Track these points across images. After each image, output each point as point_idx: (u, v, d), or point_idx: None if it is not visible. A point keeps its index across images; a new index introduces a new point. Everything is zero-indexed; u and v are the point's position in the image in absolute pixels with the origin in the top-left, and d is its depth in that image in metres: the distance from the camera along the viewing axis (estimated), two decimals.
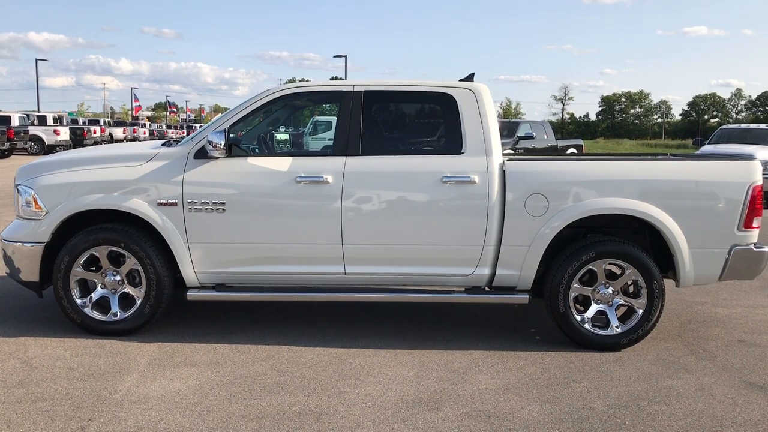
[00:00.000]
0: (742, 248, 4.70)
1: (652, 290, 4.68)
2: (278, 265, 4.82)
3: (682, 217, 4.64)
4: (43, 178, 4.87)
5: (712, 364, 4.55)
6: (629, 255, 4.68)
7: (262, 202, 4.75)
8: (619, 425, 3.59)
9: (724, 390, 4.09)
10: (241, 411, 3.68)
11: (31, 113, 33.30)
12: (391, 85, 5.05)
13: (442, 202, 4.71)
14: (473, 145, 4.77)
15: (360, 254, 4.77)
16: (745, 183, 4.65)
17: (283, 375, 4.22)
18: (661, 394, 4.02)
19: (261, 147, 5.37)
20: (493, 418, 3.66)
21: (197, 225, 4.75)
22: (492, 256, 4.75)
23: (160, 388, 3.98)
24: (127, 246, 4.75)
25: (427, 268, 4.81)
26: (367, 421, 3.58)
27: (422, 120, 5.60)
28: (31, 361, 4.37)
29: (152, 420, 3.54)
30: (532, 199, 4.67)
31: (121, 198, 4.74)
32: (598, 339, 4.75)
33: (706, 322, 5.56)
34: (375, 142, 4.96)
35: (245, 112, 4.91)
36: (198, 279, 4.87)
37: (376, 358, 4.56)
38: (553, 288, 4.73)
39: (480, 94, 4.88)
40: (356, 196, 4.71)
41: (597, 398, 3.94)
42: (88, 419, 3.53)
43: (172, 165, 4.79)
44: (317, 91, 5.36)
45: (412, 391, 3.99)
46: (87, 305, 4.86)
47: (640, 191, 4.64)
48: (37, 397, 3.80)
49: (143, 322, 4.86)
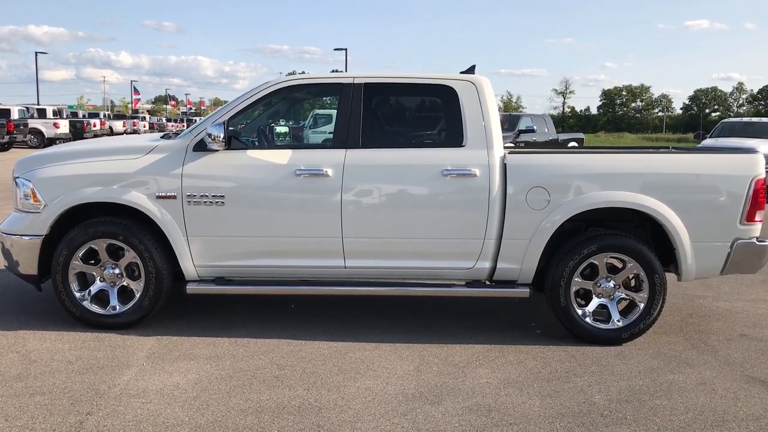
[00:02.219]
0: (744, 242, 4.68)
1: (653, 284, 4.66)
2: (278, 259, 4.80)
3: (684, 210, 4.62)
4: (42, 170, 4.85)
5: (713, 358, 4.54)
6: (631, 249, 4.66)
7: (261, 196, 4.73)
8: (621, 420, 3.57)
9: (726, 384, 4.08)
10: (240, 405, 3.67)
11: (31, 106, 33.22)
12: (392, 77, 5.01)
13: (442, 196, 4.68)
14: (474, 138, 4.74)
15: (360, 248, 4.75)
16: (748, 176, 4.63)
17: (283, 369, 4.20)
18: (662, 388, 4.00)
19: (261, 140, 5.33)
20: (493, 412, 3.64)
21: (196, 218, 4.72)
22: (493, 249, 4.73)
23: (159, 381, 3.96)
24: (125, 239, 4.73)
25: (427, 261, 4.79)
26: (367, 415, 3.57)
27: (423, 113, 5.56)
28: (30, 355, 4.35)
29: (151, 414, 3.53)
30: (533, 193, 4.64)
31: (119, 191, 4.72)
32: (599, 333, 4.73)
33: (707, 316, 5.54)
34: (375, 135, 4.92)
35: (245, 104, 4.88)
36: (197, 272, 4.86)
37: (376, 351, 4.55)
38: (554, 282, 4.71)
39: (481, 86, 4.85)
40: (356, 189, 4.69)
41: (598, 392, 3.92)
42: (87, 413, 3.52)
43: (171, 158, 4.76)
44: (317, 84, 5.31)
45: (412, 385, 3.98)
46: (86, 298, 4.84)
47: (641, 185, 4.62)
48: (35, 391, 3.79)
49: (142, 316, 4.85)
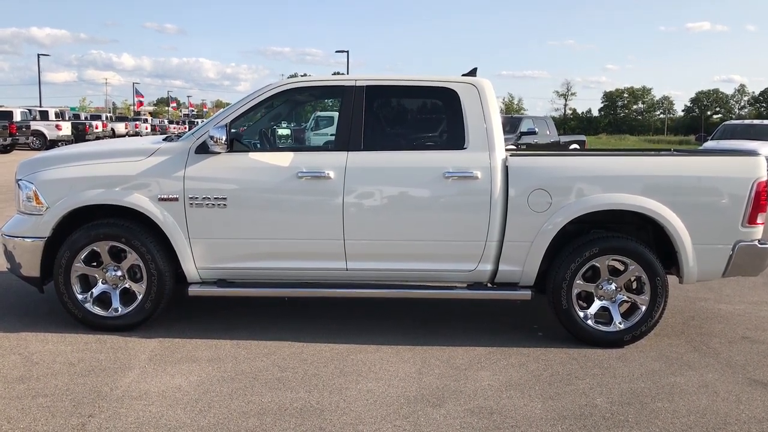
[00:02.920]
0: (746, 244, 4.67)
1: (655, 286, 4.66)
2: (280, 261, 4.81)
3: (686, 213, 4.62)
4: (44, 173, 4.86)
5: (715, 360, 4.53)
6: (632, 251, 4.66)
7: (263, 198, 4.73)
8: (622, 422, 3.57)
9: (728, 387, 4.07)
10: (242, 407, 3.67)
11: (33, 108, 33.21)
12: (394, 80, 5.02)
13: (444, 198, 4.68)
14: (476, 140, 4.74)
15: (362, 250, 4.75)
16: (750, 179, 4.62)
17: (285, 371, 4.20)
18: (664, 390, 4.00)
19: (263, 142, 5.35)
20: (495, 414, 3.64)
21: (198, 220, 4.73)
22: (494, 252, 4.73)
23: (161, 383, 3.96)
24: (128, 241, 4.74)
25: (429, 264, 4.79)
26: (369, 418, 3.57)
27: (424, 115, 5.56)
28: (32, 357, 4.36)
29: (153, 416, 3.53)
30: (534, 195, 4.64)
31: (122, 193, 4.73)
32: (601, 335, 4.73)
33: (709, 318, 5.53)
34: (377, 137, 4.92)
35: (247, 107, 4.89)
36: (199, 274, 4.86)
37: (377, 354, 4.55)
38: (556, 284, 4.70)
39: (483, 89, 4.85)
40: (358, 191, 4.69)
41: (600, 395, 3.92)
42: (89, 415, 3.52)
43: (174, 160, 4.77)
44: (319, 86, 5.32)
45: (413, 388, 3.98)
46: (88, 300, 4.85)
47: (643, 187, 4.62)
48: (37, 393, 3.79)
49: (144, 318, 4.85)
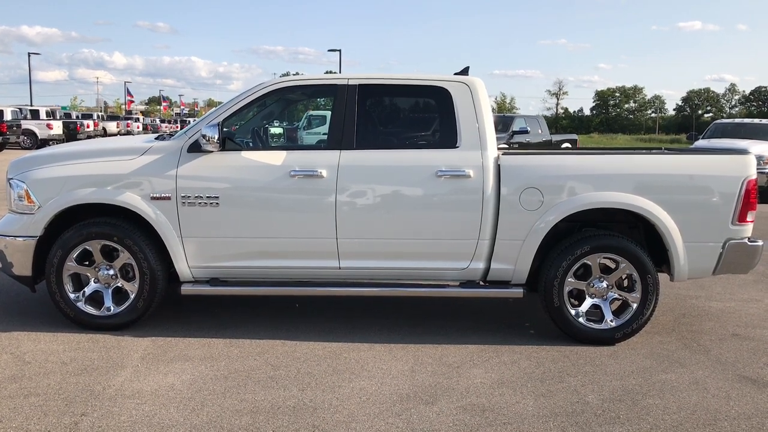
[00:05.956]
0: (736, 242, 4.71)
1: (646, 284, 4.69)
2: (272, 260, 4.81)
3: (677, 211, 4.65)
4: (36, 172, 4.84)
5: (706, 357, 4.57)
6: (624, 249, 4.68)
7: (256, 196, 4.73)
8: (614, 419, 3.60)
9: (718, 384, 4.11)
10: (235, 405, 3.67)
11: (24, 107, 33.01)
12: (386, 78, 5.02)
13: (436, 197, 4.70)
14: (468, 139, 4.76)
15: (355, 248, 4.76)
16: (740, 177, 4.66)
17: (278, 369, 4.21)
18: (655, 387, 4.03)
19: (255, 141, 5.34)
20: (487, 412, 3.66)
21: (191, 219, 4.73)
22: (486, 250, 4.75)
23: (153, 382, 3.96)
24: (120, 240, 4.73)
25: (421, 262, 4.80)
26: (362, 416, 3.58)
27: (417, 114, 5.57)
28: (24, 356, 4.35)
29: (146, 415, 3.53)
30: (526, 193, 4.66)
31: (114, 192, 4.71)
32: (592, 333, 4.76)
33: (700, 316, 5.57)
34: (369, 136, 4.93)
35: (239, 105, 4.89)
36: (192, 273, 4.86)
37: (370, 352, 4.56)
38: (547, 282, 4.73)
39: (475, 87, 4.87)
40: (351, 190, 4.70)
41: (591, 392, 3.95)
42: (81, 414, 3.52)
43: (166, 159, 4.76)
44: (311, 85, 5.32)
45: (406, 385, 3.99)
46: (80, 300, 4.84)
47: (634, 185, 4.65)
48: (29, 392, 3.78)
49: (137, 317, 4.84)
